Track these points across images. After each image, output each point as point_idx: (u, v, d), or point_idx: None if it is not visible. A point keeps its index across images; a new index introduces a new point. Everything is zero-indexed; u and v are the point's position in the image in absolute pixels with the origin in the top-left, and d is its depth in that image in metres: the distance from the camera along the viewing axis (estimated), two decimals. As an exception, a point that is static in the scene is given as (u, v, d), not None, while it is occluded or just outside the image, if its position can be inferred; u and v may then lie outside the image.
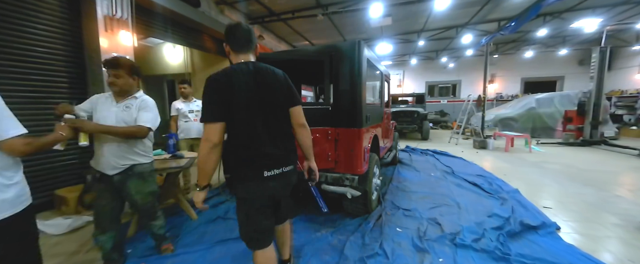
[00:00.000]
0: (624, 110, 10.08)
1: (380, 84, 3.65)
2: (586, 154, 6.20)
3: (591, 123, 7.19)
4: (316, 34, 8.90)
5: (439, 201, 3.23)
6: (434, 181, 4.14)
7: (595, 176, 4.29)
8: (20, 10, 2.89)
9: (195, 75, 6.83)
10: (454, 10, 6.87)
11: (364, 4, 6.07)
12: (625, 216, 2.81)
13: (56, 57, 3.20)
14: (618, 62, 11.20)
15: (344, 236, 2.39)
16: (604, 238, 2.40)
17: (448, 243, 2.27)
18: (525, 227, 2.48)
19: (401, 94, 11.15)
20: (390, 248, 2.19)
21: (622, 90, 10.72)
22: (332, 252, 2.16)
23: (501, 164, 5.25)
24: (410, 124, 8.81)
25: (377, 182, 3.05)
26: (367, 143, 2.70)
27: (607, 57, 7.05)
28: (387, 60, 13.67)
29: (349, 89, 2.42)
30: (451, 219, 2.71)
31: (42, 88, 3.09)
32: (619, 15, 7.96)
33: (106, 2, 3.42)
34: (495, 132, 8.34)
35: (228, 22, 6.09)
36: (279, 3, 6.20)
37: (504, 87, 13.35)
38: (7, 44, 2.82)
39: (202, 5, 5.19)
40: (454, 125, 9.52)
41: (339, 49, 2.44)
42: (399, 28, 8.57)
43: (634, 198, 3.32)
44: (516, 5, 6.75)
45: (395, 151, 5.16)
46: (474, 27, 8.35)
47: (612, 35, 10.05)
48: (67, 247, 2.35)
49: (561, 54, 11.82)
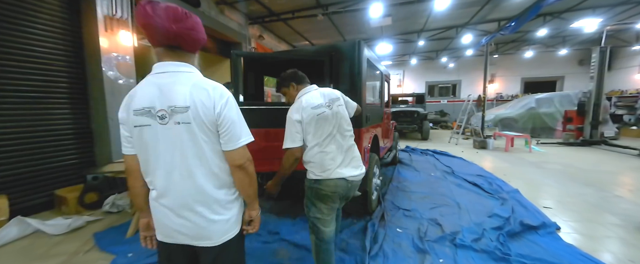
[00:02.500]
0: (624, 110, 10.07)
1: (380, 84, 3.65)
2: (586, 154, 6.20)
3: (591, 123, 7.19)
4: (316, 34, 8.89)
5: (439, 201, 3.23)
6: (434, 181, 4.14)
7: (595, 176, 4.29)
8: (20, 10, 2.89)
9: (195, 75, 6.81)
10: (454, 10, 6.87)
11: (364, 4, 6.07)
12: (625, 216, 2.81)
13: (56, 57, 3.20)
14: (618, 62, 11.20)
15: (345, 237, 2.40)
16: (604, 238, 2.40)
17: (448, 244, 2.27)
18: (525, 227, 2.48)
19: (401, 94, 11.15)
20: (390, 249, 2.20)
21: (622, 90, 10.72)
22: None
23: (501, 164, 5.25)
24: (410, 124, 8.81)
25: (377, 182, 3.04)
26: (367, 143, 2.70)
27: (607, 57, 7.05)
28: (387, 60, 13.66)
29: (349, 89, 2.42)
30: (451, 220, 2.71)
31: (42, 88, 3.09)
32: (619, 15, 7.96)
33: (106, 2, 3.42)
34: (495, 132, 8.34)
35: (228, 22, 6.09)
36: (279, 3, 6.20)
37: (504, 87, 13.35)
38: (7, 44, 2.82)
39: (202, 5, 5.19)
40: (454, 125, 9.51)
41: (339, 49, 2.44)
42: (399, 28, 8.57)
43: (634, 198, 3.32)
44: (516, 5, 6.74)
45: (395, 151, 5.16)
46: (474, 27, 8.35)
47: (612, 35, 10.05)
48: (67, 247, 2.34)
49: (561, 54, 11.82)
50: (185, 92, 0.90)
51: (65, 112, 3.30)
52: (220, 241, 1.01)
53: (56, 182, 3.22)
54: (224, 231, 1.02)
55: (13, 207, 2.72)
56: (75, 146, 3.40)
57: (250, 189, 1.05)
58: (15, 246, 2.38)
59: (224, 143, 0.97)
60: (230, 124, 0.95)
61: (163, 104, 0.90)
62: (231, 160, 0.98)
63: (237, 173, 1.01)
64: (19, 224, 2.54)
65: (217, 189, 0.99)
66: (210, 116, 0.92)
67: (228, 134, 0.95)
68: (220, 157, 0.99)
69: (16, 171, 2.93)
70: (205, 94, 0.92)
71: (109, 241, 2.39)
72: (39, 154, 3.09)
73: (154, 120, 0.91)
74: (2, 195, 2.70)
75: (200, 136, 0.93)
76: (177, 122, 0.91)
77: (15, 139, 2.92)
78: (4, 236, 2.41)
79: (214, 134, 0.96)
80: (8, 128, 2.87)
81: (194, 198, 0.96)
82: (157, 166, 0.96)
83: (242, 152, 0.99)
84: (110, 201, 3.07)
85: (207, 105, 0.91)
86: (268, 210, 3.03)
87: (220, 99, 0.93)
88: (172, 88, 0.91)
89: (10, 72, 2.85)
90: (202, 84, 0.94)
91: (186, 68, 0.96)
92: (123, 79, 3.58)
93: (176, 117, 0.91)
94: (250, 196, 1.07)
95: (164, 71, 0.94)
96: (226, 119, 0.94)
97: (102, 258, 2.19)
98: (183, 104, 0.90)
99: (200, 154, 0.95)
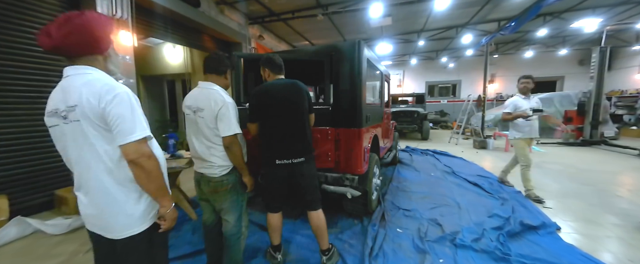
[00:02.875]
0: (624, 110, 10.07)
1: (380, 84, 3.65)
2: (586, 154, 6.20)
3: (591, 123, 7.19)
4: (316, 34, 8.89)
5: (439, 201, 3.23)
6: (434, 181, 4.14)
7: (595, 176, 4.29)
8: (20, 10, 2.89)
9: (195, 75, 6.82)
10: (454, 10, 6.87)
11: (364, 4, 6.06)
12: (625, 216, 2.81)
13: (56, 57, 3.19)
14: (618, 62, 11.20)
15: (346, 237, 2.40)
16: (604, 238, 2.40)
17: (448, 244, 2.28)
18: (525, 227, 2.48)
19: (401, 94, 11.14)
20: (391, 249, 2.20)
21: (622, 90, 10.72)
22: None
23: (501, 164, 5.21)
24: (410, 124, 8.80)
25: (377, 182, 3.04)
26: (367, 143, 2.70)
27: (607, 57, 7.05)
28: (387, 60, 13.66)
29: (349, 89, 2.42)
30: (451, 220, 2.71)
31: (42, 88, 3.09)
32: (619, 15, 7.95)
33: (106, 2, 3.42)
34: (495, 132, 8.34)
35: (228, 22, 6.09)
36: (279, 3, 6.20)
37: (504, 87, 13.34)
38: (7, 44, 2.82)
39: (202, 5, 5.19)
40: (454, 125, 9.51)
41: (339, 49, 2.44)
42: (399, 28, 8.56)
43: (634, 198, 3.32)
44: (516, 5, 6.74)
45: (395, 151, 5.16)
46: (474, 27, 8.34)
47: (612, 35, 10.05)
48: (67, 247, 2.34)
49: (561, 54, 11.81)
50: (76, 92, 0.96)
51: (65, 112, 3.30)
52: (121, 235, 1.05)
53: (56, 182, 3.22)
54: (127, 226, 1.05)
55: (13, 207, 2.73)
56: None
57: (151, 185, 1.05)
58: (15, 246, 2.38)
59: (115, 138, 0.99)
60: (118, 118, 0.97)
61: (63, 105, 0.98)
62: (125, 154, 1.00)
63: (133, 169, 1.02)
64: (19, 224, 2.54)
65: (118, 184, 1.03)
66: (96, 111, 0.96)
67: (116, 128, 0.97)
68: (117, 152, 1.02)
69: (16, 171, 2.93)
70: (92, 90, 0.96)
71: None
72: (39, 154, 3.09)
73: (59, 120, 1.00)
74: (2, 195, 2.70)
75: (90, 132, 0.98)
76: (73, 121, 0.98)
77: (15, 139, 2.92)
78: (4, 236, 2.41)
79: (106, 130, 0.99)
80: (8, 128, 2.87)
81: (98, 191, 1.02)
82: (71, 162, 1.05)
83: (135, 147, 0.99)
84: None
85: (92, 101, 0.95)
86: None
87: (106, 94, 0.96)
88: (69, 89, 0.98)
89: (10, 72, 2.85)
90: (93, 82, 0.98)
91: (86, 70, 1.01)
92: (123, 79, 3.57)
93: (71, 115, 0.97)
94: (152, 192, 1.07)
95: (67, 75, 1.01)
96: (112, 114, 0.96)
97: (102, 258, 2.19)
98: (73, 103, 0.96)
99: (93, 150, 1.00)
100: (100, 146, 0.99)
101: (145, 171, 1.02)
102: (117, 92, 0.98)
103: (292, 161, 1.80)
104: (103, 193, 1.02)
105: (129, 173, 1.03)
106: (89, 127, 0.97)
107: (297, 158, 1.81)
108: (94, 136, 0.98)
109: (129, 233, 1.05)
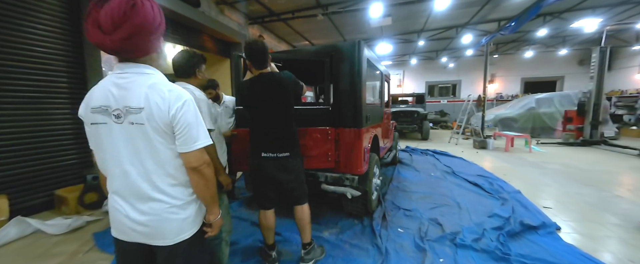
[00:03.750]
0: (624, 110, 10.06)
1: (380, 84, 3.65)
2: (586, 154, 6.20)
3: (591, 123, 7.19)
4: (316, 34, 8.89)
5: (440, 201, 3.23)
6: (434, 181, 4.14)
7: (595, 176, 4.29)
8: (21, 10, 2.89)
9: (195, 75, 6.80)
10: (454, 10, 6.87)
11: (364, 4, 6.06)
12: (625, 216, 2.81)
13: (56, 57, 3.20)
14: (618, 62, 11.21)
15: (346, 237, 2.40)
16: (604, 238, 2.40)
17: (448, 243, 2.28)
18: (525, 227, 2.48)
19: (401, 94, 11.14)
20: (392, 249, 2.20)
21: (622, 90, 10.72)
22: (334, 254, 2.17)
23: (501, 164, 5.25)
24: (410, 124, 8.80)
25: (377, 182, 3.04)
26: (367, 143, 2.70)
27: (607, 57, 7.04)
28: (387, 60, 13.66)
29: (349, 89, 2.42)
30: (452, 219, 2.72)
31: (42, 88, 3.09)
32: (619, 15, 7.96)
33: (106, 2, 3.41)
34: (495, 132, 8.34)
35: (228, 22, 6.09)
36: (279, 3, 6.20)
37: (504, 87, 13.35)
38: (7, 44, 2.82)
39: (202, 5, 5.19)
40: (454, 125, 9.51)
41: (339, 49, 2.44)
42: (399, 28, 8.57)
43: (634, 198, 3.32)
44: (516, 5, 6.74)
45: (395, 151, 5.16)
46: (474, 27, 8.35)
47: (612, 35, 10.06)
48: (67, 247, 2.35)
49: (561, 54, 11.82)
50: (140, 94, 0.91)
51: (65, 112, 3.30)
52: (174, 240, 1.02)
53: (56, 182, 3.22)
54: (179, 231, 1.02)
55: (13, 207, 2.73)
56: (75, 146, 3.40)
57: (207, 192, 1.05)
58: (15, 246, 2.38)
59: (179, 145, 0.97)
60: (186, 126, 0.95)
61: (119, 104, 0.92)
62: (186, 162, 0.98)
63: (193, 176, 1.01)
64: (19, 224, 2.54)
65: (173, 188, 1.01)
66: (165, 118, 0.92)
67: (183, 136, 0.95)
68: (178, 158, 1.00)
69: (16, 171, 2.93)
70: (161, 96, 0.92)
71: (108, 241, 2.38)
72: (39, 154, 3.09)
73: (109, 118, 0.93)
74: (2, 195, 2.70)
75: (154, 137, 0.94)
76: (131, 123, 0.92)
77: (15, 139, 2.92)
78: (4, 236, 2.41)
79: (170, 136, 0.96)
80: (8, 128, 2.87)
81: (150, 196, 0.97)
82: (114, 163, 0.97)
83: (198, 155, 0.98)
84: (110, 201, 3.07)
85: (162, 107, 0.92)
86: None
87: (175, 101, 0.93)
88: (128, 89, 0.92)
89: (10, 72, 2.85)
90: (159, 86, 0.93)
91: (146, 70, 0.96)
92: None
93: (130, 117, 0.91)
94: (207, 200, 1.07)
95: (123, 72, 0.94)
96: (181, 121, 0.94)
97: (102, 258, 2.20)
98: (137, 105, 0.91)
99: (154, 155, 0.96)
100: (163, 152, 0.96)
101: (205, 178, 1.02)
102: (185, 99, 0.96)
103: (277, 155, 1.83)
104: (158, 197, 0.98)
105: (184, 178, 1.02)
106: (153, 132, 0.93)
107: (281, 153, 1.83)
108: (159, 142, 0.95)
109: (181, 237, 1.03)
